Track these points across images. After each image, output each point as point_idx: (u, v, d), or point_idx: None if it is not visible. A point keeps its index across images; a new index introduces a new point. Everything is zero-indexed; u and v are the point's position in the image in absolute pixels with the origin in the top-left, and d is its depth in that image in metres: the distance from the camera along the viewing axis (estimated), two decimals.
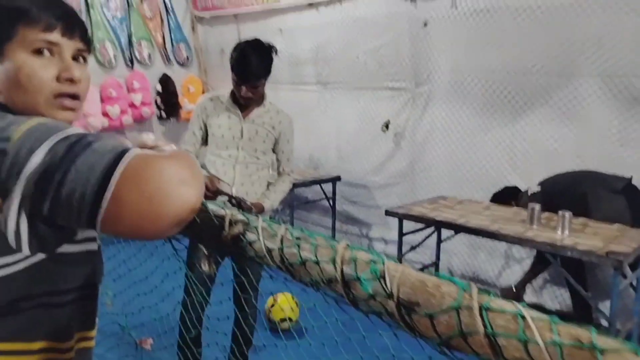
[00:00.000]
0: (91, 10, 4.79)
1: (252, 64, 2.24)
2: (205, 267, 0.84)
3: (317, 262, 0.66)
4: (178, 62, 5.41)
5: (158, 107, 5.22)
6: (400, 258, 3.37)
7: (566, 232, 2.68)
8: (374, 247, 4.58)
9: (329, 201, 4.55)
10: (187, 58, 5.46)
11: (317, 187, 4.53)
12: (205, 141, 2.52)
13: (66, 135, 0.74)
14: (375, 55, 4.23)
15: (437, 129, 3.95)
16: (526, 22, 3.32)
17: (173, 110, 5.30)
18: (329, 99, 4.72)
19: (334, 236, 4.60)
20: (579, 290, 2.74)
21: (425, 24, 3.81)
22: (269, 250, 0.73)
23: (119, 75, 4.94)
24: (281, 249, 0.71)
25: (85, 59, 0.94)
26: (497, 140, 3.53)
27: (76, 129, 0.77)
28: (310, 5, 4.59)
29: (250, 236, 0.76)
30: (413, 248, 3.46)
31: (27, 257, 0.78)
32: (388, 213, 3.31)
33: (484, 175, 3.71)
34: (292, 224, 4.48)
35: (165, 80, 5.22)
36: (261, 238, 0.74)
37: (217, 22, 5.40)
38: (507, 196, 3.40)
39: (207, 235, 0.82)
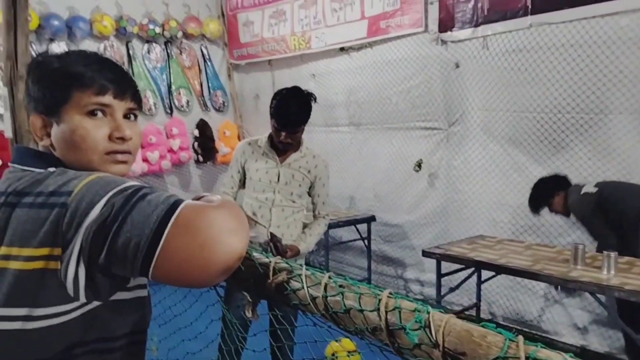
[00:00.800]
0: (133, 62, 5.04)
1: (292, 111, 2.32)
2: (249, 313, 0.86)
3: (361, 311, 0.67)
4: (215, 108, 5.59)
5: (195, 151, 5.37)
6: (439, 300, 3.30)
7: (612, 271, 2.59)
8: (410, 289, 4.51)
9: (364, 241, 4.53)
10: (224, 104, 5.63)
11: (352, 227, 4.52)
12: (243, 184, 2.58)
13: (122, 187, 0.79)
14: (407, 96, 4.28)
15: (471, 168, 3.93)
16: (559, 60, 3.32)
17: (210, 154, 5.44)
18: (362, 140, 4.77)
19: (369, 277, 4.55)
20: (630, 333, 2.62)
21: (457, 65, 3.85)
22: (313, 298, 0.74)
23: (158, 122, 5.13)
24: (325, 297, 0.72)
25: (136, 117, 1.00)
26: (532, 179, 3.48)
27: (132, 182, 0.82)
28: (342, 50, 4.71)
29: (294, 284, 0.78)
30: (452, 290, 3.38)
31: (82, 305, 0.82)
32: (425, 254, 3.27)
33: (519, 214, 3.64)
34: (327, 265, 4.48)
35: (203, 126, 5.39)
36: (305, 286, 0.76)
37: (252, 68, 5.58)
38: (553, 186, 3.10)
39: (252, 282, 0.84)
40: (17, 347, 0.82)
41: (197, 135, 5.36)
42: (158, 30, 5.09)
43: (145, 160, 4.95)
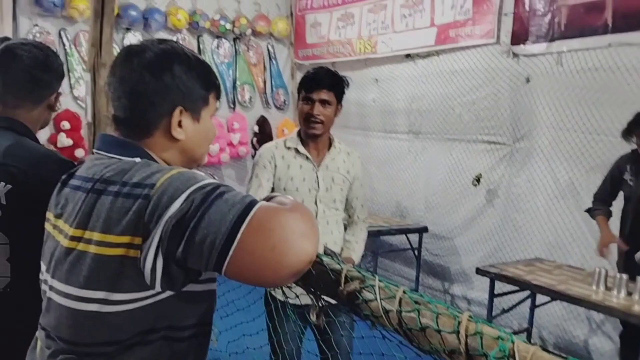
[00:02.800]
0: (203, 56, 5.17)
1: (322, 72, 2.10)
2: (313, 317, 0.86)
3: (439, 331, 0.65)
4: (275, 106, 5.66)
5: (253, 146, 5.46)
6: (490, 320, 3.20)
7: None
8: (456, 304, 4.40)
9: (414, 252, 4.46)
10: (284, 102, 5.70)
11: (403, 236, 4.46)
12: None
13: (202, 184, 0.82)
14: (471, 107, 4.18)
15: (534, 187, 3.78)
16: (637, 83, 3.14)
17: None
18: (420, 149, 4.70)
19: (416, 288, 4.48)
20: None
21: (528, 80, 3.73)
22: (386, 312, 0.73)
23: (221, 116, 5.25)
24: (399, 312, 0.71)
25: None
26: None
27: (210, 179, 0.85)
28: (408, 56, 4.66)
29: (367, 294, 0.77)
30: (505, 311, 3.28)
31: (156, 294, 0.84)
32: (480, 272, 3.18)
33: (583, 240, 3.48)
34: (375, 272, 4.43)
35: (262, 122, 5.47)
36: (378, 298, 0.75)
37: None
38: None
39: (322, 287, 0.84)
40: (93, 327, 0.85)
41: (257, 131, 5.45)
42: (229, 26, 5.21)
43: None
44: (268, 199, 0.96)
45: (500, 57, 3.87)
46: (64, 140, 4.35)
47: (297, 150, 2.12)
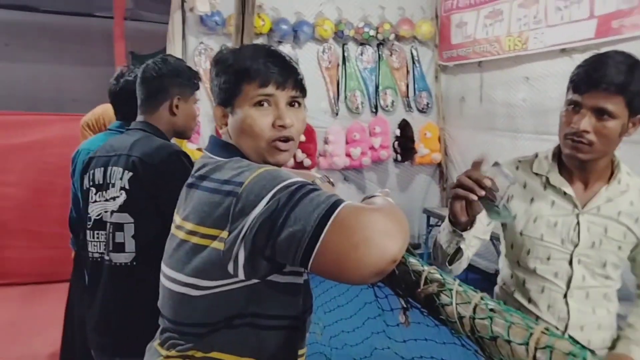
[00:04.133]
0: (347, 63, 5.34)
1: (609, 64, 1.28)
2: (401, 319, 0.86)
3: (509, 341, 0.61)
4: (418, 109, 5.60)
5: (395, 150, 5.46)
6: None
7: None
8: None
9: None
10: (427, 105, 5.61)
11: None
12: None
13: (287, 183, 0.86)
14: None
15: None
16: None
17: (409, 154, 5.48)
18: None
19: None
20: None
21: None
22: (461, 317, 0.70)
23: (363, 120, 5.35)
24: (472, 318, 0.68)
25: (299, 104, 1.07)
26: None
27: (295, 178, 0.88)
28: (563, 51, 4.28)
29: (444, 298, 0.75)
30: None
31: (240, 281, 0.92)
32: None
33: None
34: None
35: (404, 126, 5.45)
36: (454, 302, 0.72)
37: (460, 70, 5.44)
38: None
39: (404, 288, 0.83)
40: (186, 309, 0.95)
41: (398, 134, 5.44)
42: (372, 33, 5.29)
43: (348, 155, 5.21)
44: (364, 199, 0.98)
45: None
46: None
47: (548, 180, 1.45)
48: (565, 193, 1.41)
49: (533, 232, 1.44)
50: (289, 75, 1.04)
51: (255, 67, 1.03)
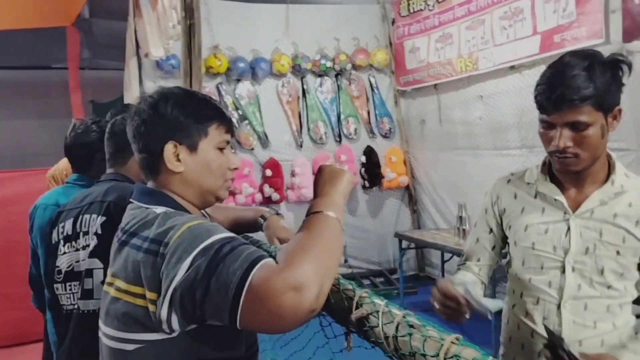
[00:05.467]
0: (307, 95, 5.43)
1: (566, 77, 1.23)
2: (346, 343, 0.88)
3: (424, 355, 0.63)
4: (381, 135, 5.71)
5: (362, 177, 5.53)
6: None
7: None
8: None
9: None
10: (390, 130, 5.72)
11: None
12: (500, 252, 1.55)
13: (206, 245, 0.88)
14: None
15: None
16: None
17: (376, 180, 5.55)
18: (536, 163, 4.38)
19: None
20: None
21: None
22: (386, 337, 0.73)
23: (328, 150, 5.42)
24: (395, 337, 0.70)
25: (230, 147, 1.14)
26: None
27: (216, 236, 0.90)
28: (512, 68, 4.45)
29: (373, 320, 0.77)
30: None
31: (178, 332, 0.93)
32: None
33: None
34: None
35: (369, 152, 5.54)
36: (380, 323, 0.74)
37: (418, 94, 5.59)
38: None
39: (341, 315, 0.85)
40: None
41: (364, 161, 5.52)
42: (329, 64, 5.42)
43: None
44: (309, 213, 0.98)
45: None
46: None
47: (538, 189, 1.41)
48: (555, 199, 1.36)
49: (524, 242, 1.40)
50: (233, 122, 1.16)
51: (223, 112, 1.11)
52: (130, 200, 1.12)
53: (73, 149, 2.15)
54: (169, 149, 1.05)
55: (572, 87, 1.21)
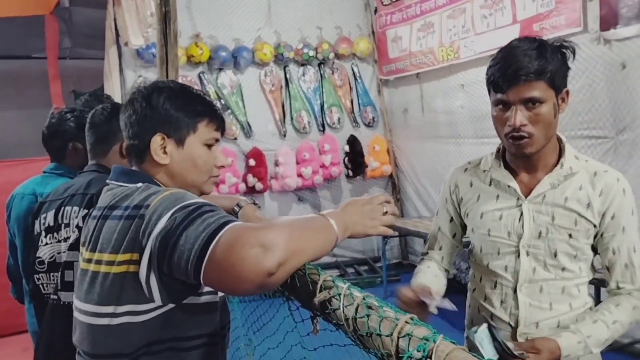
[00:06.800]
0: (290, 85, 5.42)
1: (519, 55, 1.27)
2: (313, 326, 0.90)
3: (379, 335, 0.65)
4: (364, 124, 5.72)
5: (346, 166, 5.55)
6: None
7: None
8: None
9: None
10: (373, 119, 5.74)
11: None
12: (461, 241, 1.59)
13: (187, 203, 0.91)
14: None
15: None
16: None
17: (360, 169, 5.57)
18: None
19: None
20: None
21: (624, 66, 3.39)
22: (346, 318, 0.74)
23: (312, 139, 5.43)
24: (354, 318, 0.72)
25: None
26: None
27: (197, 199, 0.94)
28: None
29: (335, 303, 0.79)
30: None
31: (159, 307, 0.94)
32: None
33: None
34: None
35: (353, 141, 5.55)
36: (341, 305, 0.76)
37: (400, 83, 5.60)
38: None
39: (304, 298, 0.87)
40: (106, 340, 0.97)
41: (348, 150, 5.54)
42: (312, 53, 5.40)
43: (299, 175, 5.26)
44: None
45: (590, 45, 3.58)
46: None
47: (494, 175, 1.43)
48: (508, 186, 1.39)
49: (481, 229, 1.43)
50: (224, 121, 1.17)
51: (214, 109, 1.13)
52: (107, 182, 1.13)
53: (48, 139, 2.14)
54: (157, 140, 1.07)
55: (527, 62, 1.25)
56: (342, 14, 5.58)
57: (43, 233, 1.70)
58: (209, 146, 1.12)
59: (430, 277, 1.48)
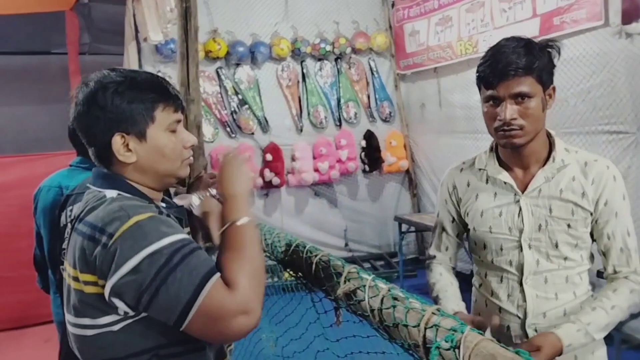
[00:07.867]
0: (307, 80, 5.42)
1: (508, 52, 1.32)
2: (335, 318, 0.91)
3: (406, 325, 0.66)
4: (381, 119, 5.71)
5: (362, 161, 5.55)
6: None
7: None
8: None
9: None
10: (390, 114, 5.72)
11: None
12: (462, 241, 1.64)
13: (155, 250, 0.89)
14: (586, 97, 3.84)
15: None
16: None
17: (376, 164, 5.57)
18: None
19: None
20: None
21: None
22: (372, 309, 0.75)
23: (328, 134, 5.43)
24: (380, 309, 0.73)
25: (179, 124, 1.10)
26: None
27: (165, 240, 0.91)
28: None
29: (360, 294, 0.80)
30: None
31: (134, 315, 0.96)
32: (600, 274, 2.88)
33: None
34: None
35: (369, 136, 5.54)
36: (367, 297, 0.77)
37: (418, 77, 5.57)
38: None
39: (330, 289, 0.88)
40: (89, 349, 0.98)
41: (364, 145, 5.53)
42: (329, 48, 5.40)
43: (316, 170, 5.27)
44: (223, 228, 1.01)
45: (611, 40, 3.52)
46: None
47: (488, 174, 1.47)
48: (505, 183, 1.43)
49: (482, 227, 1.47)
50: (182, 101, 1.09)
51: (167, 91, 1.05)
52: (87, 185, 1.10)
53: (74, 133, 2.18)
54: (117, 141, 1.00)
55: (516, 58, 1.31)
56: (359, 8, 5.56)
57: (69, 225, 1.73)
58: (173, 131, 1.04)
59: (453, 290, 1.52)
